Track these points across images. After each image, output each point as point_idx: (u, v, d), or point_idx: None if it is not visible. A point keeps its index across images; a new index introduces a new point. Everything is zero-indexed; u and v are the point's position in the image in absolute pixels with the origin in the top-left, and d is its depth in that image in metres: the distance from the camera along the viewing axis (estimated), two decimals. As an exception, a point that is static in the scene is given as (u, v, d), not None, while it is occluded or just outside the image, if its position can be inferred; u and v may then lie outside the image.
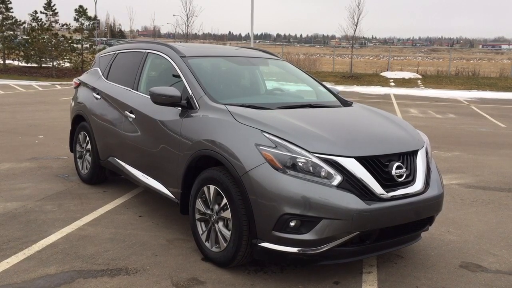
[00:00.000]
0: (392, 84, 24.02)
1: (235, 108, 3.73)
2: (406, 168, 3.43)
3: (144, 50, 4.93)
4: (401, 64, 34.56)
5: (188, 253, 3.79)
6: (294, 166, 3.18)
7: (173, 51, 4.50)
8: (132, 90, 4.80)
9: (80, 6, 26.51)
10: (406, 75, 26.72)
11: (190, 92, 4.02)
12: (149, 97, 4.11)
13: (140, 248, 3.87)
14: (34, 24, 26.25)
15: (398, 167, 3.35)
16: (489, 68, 33.10)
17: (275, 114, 3.74)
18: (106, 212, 4.67)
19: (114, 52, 5.59)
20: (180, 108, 4.01)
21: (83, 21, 26.72)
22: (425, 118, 12.82)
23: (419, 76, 26.69)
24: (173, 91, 3.94)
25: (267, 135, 3.33)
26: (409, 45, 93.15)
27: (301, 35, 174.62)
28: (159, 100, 3.94)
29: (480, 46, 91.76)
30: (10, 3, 25.90)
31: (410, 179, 3.43)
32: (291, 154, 3.20)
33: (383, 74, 27.42)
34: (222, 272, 3.49)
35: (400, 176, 3.35)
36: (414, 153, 3.57)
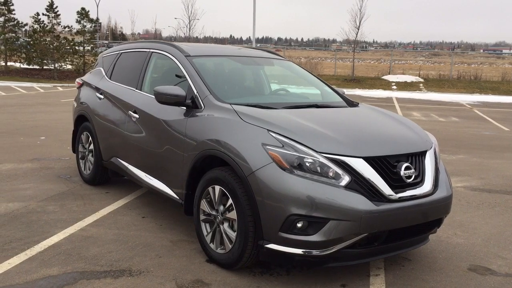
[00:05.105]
0: (394, 87, 23.98)
1: (241, 107, 3.68)
2: (415, 169, 3.37)
3: (148, 50, 4.89)
4: (402, 68, 34.52)
5: (193, 255, 3.74)
6: (301, 166, 3.13)
7: (177, 51, 4.45)
8: (136, 90, 4.75)
9: (82, 9, 26.52)
10: (408, 78, 26.70)
11: (195, 91, 3.97)
12: (153, 96, 4.08)
13: (144, 249, 3.81)
14: (36, 26, 26.19)
15: (406, 168, 3.29)
16: (490, 72, 33.07)
17: (282, 113, 3.69)
18: (108, 213, 4.62)
19: (117, 52, 5.55)
20: (184, 108, 3.96)
21: (85, 24, 26.73)
22: (428, 121, 12.77)
23: (421, 80, 26.67)
24: (177, 90, 3.89)
25: (274, 134, 3.28)
26: (410, 49, 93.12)
27: (302, 39, 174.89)
28: (164, 99, 3.90)
29: (481, 51, 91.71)
30: (12, 5, 25.87)
31: (419, 180, 3.38)
32: (298, 154, 3.15)
33: (385, 77, 27.41)
34: (227, 274, 3.43)
35: (409, 177, 3.30)
36: (423, 154, 3.51)
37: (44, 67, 26.62)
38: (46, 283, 3.20)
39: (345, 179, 3.10)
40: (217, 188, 3.49)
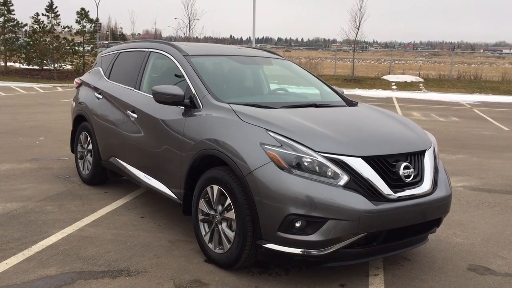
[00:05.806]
0: (394, 87, 23.97)
1: (239, 107, 3.67)
2: (414, 168, 3.36)
3: (146, 49, 4.87)
4: (402, 68, 34.49)
5: (191, 255, 3.72)
6: (299, 166, 3.11)
7: (176, 50, 4.44)
8: (135, 90, 4.74)
9: (82, 9, 26.52)
10: (408, 78, 26.68)
11: (193, 91, 3.96)
12: (151, 96, 4.06)
13: (142, 249, 3.80)
14: (35, 26, 26.18)
15: (405, 167, 3.28)
16: (490, 72, 33.05)
17: (280, 113, 3.68)
18: (107, 213, 4.61)
19: (116, 52, 5.54)
20: (183, 107, 3.95)
21: (84, 24, 26.73)
22: (428, 121, 12.75)
23: (421, 80, 26.65)
24: (176, 89, 3.88)
25: (272, 134, 3.26)
26: (410, 49, 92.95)
27: (302, 39, 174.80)
28: (162, 99, 3.88)
29: (481, 51, 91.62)
30: (12, 5, 25.85)
31: (418, 180, 3.36)
32: (296, 154, 3.13)
33: (385, 77, 27.39)
34: (226, 274, 3.42)
35: (408, 176, 3.28)
36: (422, 153, 3.50)
37: (44, 67, 26.63)
38: (43, 283, 3.19)
39: (344, 178, 3.09)
40: (216, 187, 3.47)
